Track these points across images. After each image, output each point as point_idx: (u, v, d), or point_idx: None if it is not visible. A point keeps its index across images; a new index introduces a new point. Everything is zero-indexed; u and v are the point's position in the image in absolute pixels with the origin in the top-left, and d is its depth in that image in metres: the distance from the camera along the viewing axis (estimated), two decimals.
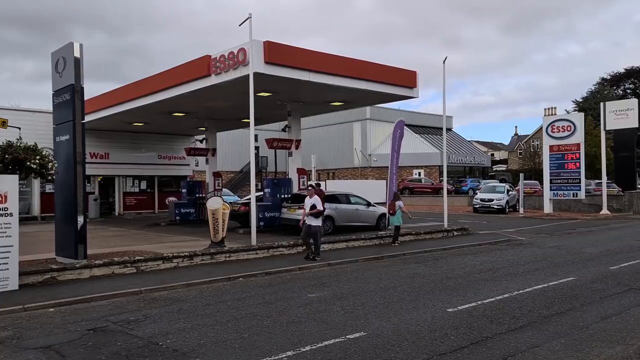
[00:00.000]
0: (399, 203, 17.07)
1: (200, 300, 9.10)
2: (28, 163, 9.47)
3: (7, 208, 9.36)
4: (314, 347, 6.26)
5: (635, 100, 32.65)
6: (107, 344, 6.51)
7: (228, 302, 8.89)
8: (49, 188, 26.03)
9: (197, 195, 25.13)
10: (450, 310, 8.11)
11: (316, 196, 13.49)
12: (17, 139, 9.74)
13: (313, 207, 13.28)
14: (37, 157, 9.62)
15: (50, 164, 9.92)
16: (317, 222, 13.28)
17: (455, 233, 19.36)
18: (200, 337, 6.74)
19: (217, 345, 6.40)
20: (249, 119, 24.57)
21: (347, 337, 6.66)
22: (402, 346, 6.27)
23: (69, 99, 11.25)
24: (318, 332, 6.92)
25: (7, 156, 9.39)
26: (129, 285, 10.18)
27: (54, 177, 10.34)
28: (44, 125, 23.50)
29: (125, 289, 9.80)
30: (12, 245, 9.44)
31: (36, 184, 25.87)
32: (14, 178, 9.58)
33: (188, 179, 30.13)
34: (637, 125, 32.07)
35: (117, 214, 30.18)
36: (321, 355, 5.96)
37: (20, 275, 9.74)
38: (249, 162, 58.11)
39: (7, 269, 9.40)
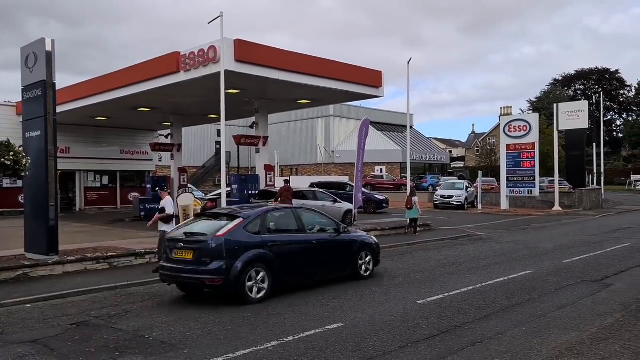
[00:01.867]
0: (414, 198, 18.88)
1: (178, 295, 9.27)
2: (2, 160, 9.40)
3: None
4: (296, 337, 6.60)
5: (585, 103, 34.39)
6: (93, 337, 6.67)
7: (206, 296, 9.10)
8: (6, 183, 25.34)
9: None
10: (420, 302, 8.59)
11: (167, 198, 11.46)
12: None
13: (162, 210, 11.27)
14: (11, 154, 9.55)
15: (24, 160, 9.85)
16: (166, 228, 10.96)
17: (419, 229, 20.00)
18: (185, 329, 6.98)
19: (203, 337, 6.66)
20: (215, 114, 24.66)
21: (327, 327, 7.03)
22: (378, 335, 6.69)
23: (41, 95, 11.15)
24: (298, 323, 7.27)
25: None
26: (104, 281, 10.24)
27: (27, 173, 10.27)
28: (4, 119, 22.95)
29: (100, 285, 9.87)
30: None
31: None
32: None
33: (152, 175, 29.84)
34: (587, 126, 33.76)
35: (77, 209, 29.56)
36: (304, 344, 6.31)
37: None
38: (211, 158, 57.47)
39: None
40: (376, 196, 29.64)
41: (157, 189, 12.15)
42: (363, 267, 10.75)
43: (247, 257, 8.52)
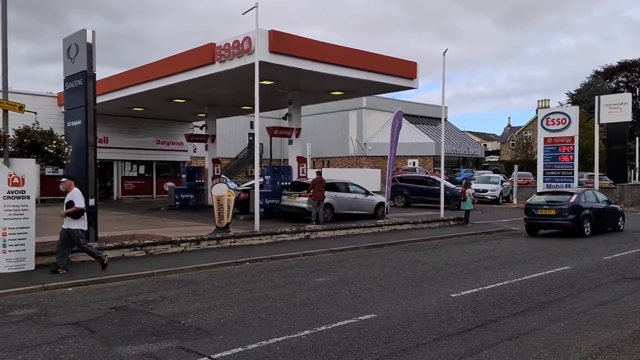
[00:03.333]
0: (469, 190, 20.04)
1: (212, 283, 9.43)
2: (45, 148, 9.69)
3: (24, 191, 9.64)
4: (329, 327, 6.61)
5: (629, 95, 33.13)
6: (131, 321, 6.85)
7: (239, 285, 9.23)
8: (48, 171, 26.20)
9: (197, 181, 25.39)
10: (453, 295, 8.49)
11: (75, 190, 9.92)
12: (34, 124, 9.94)
13: (70, 204, 9.77)
14: (54, 142, 9.84)
15: (66, 148, 10.14)
16: (77, 225, 9.80)
17: (452, 223, 19.78)
18: (219, 316, 7.08)
19: (237, 324, 6.74)
20: (249, 106, 24.88)
21: (359, 318, 7.02)
22: (412, 327, 6.65)
23: (81, 85, 11.46)
24: (331, 313, 7.28)
25: (25, 140, 9.61)
26: (140, 267, 10.50)
27: (69, 161, 10.56)
28: (46, 109, 23.67)
29: (137, 271, 10.12)
30: (29, 227, 9.74)
31: (36, 167, 26.00)
32: (31, 162, 9.84)
33: (187, 165, 30.36)
34: (630, 119, 32.59)
35: (115, 198, 30.38)
36: (337, 334, 6.32)
37: (35, 256, 10.01)
38: (244, 150, 57.82)
39: (25, 250, 9.71)
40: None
41: (63, 178, 10.01)
42: (620, 224, 18.63)
43: (583, 214, 16.49)
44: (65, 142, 10.28)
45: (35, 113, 9.94)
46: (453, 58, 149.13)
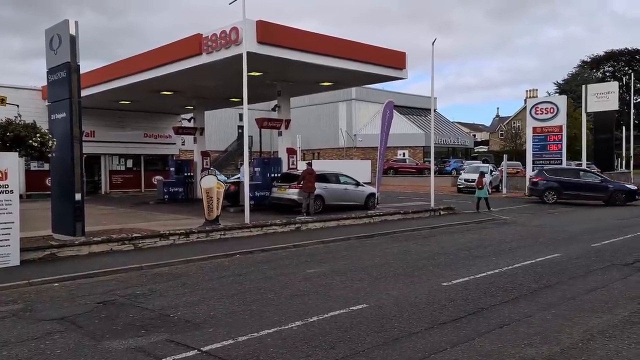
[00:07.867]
0: (484, 179, 21.10)
1: (201, 276, 9.33)
2: (29, 141, 9.50)
3: (7, 185, 9.44)
4: (320, 317, 6.56)
5: (616, 84, 33.34)
6: (119, 315, 6.74)
7: (230, 278, 9.14)
8: (34, 166, 25.86)
9: (186, 174, 25.18)
10: (445, 284, 8.47)
11: None
12: (16, 117, 9.73)
13: None
14: (38, 135, 9.64)
15: (50, 142, 9.94)
16: None
17: (442, 212, 19.79)
18: (209, 309, 6.99)
19: (227, 316, 6.66)
20: (237, 98, 24.66)
21: (351, 308, 6.97)
22: (403, 316, 6.61)
23: (65, 77, 11.24)
24: (322, 304, 7.22)
25: (8, 134, 9.41)
26: (129, 261, 10.35)
27: (52, 155, 10.37)
28: (29, 102, 23.32)
29: (126, 265, 9.97)
30: (12, 222, 9.55)
31: (21, 161, 25.61)
32: (14, 155, 9.63)
33: (175, 158, 30.10)
34: (617, 108, 32.82)
35: (103, 192, 30.04)
36: (329, 325, 6.26)
37: (20, 252, 9.84)
38: (233, 142, 57.59)
39: (9, 245, 9.53)
40: (626, 185, 25.36)
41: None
42: None
43: None
44: (50, 136, 10.08)
45: (18, 105, 9.69)
46: (444, 50, 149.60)
